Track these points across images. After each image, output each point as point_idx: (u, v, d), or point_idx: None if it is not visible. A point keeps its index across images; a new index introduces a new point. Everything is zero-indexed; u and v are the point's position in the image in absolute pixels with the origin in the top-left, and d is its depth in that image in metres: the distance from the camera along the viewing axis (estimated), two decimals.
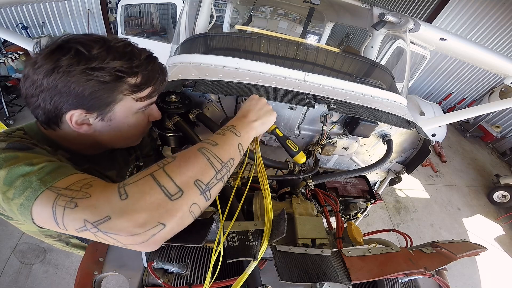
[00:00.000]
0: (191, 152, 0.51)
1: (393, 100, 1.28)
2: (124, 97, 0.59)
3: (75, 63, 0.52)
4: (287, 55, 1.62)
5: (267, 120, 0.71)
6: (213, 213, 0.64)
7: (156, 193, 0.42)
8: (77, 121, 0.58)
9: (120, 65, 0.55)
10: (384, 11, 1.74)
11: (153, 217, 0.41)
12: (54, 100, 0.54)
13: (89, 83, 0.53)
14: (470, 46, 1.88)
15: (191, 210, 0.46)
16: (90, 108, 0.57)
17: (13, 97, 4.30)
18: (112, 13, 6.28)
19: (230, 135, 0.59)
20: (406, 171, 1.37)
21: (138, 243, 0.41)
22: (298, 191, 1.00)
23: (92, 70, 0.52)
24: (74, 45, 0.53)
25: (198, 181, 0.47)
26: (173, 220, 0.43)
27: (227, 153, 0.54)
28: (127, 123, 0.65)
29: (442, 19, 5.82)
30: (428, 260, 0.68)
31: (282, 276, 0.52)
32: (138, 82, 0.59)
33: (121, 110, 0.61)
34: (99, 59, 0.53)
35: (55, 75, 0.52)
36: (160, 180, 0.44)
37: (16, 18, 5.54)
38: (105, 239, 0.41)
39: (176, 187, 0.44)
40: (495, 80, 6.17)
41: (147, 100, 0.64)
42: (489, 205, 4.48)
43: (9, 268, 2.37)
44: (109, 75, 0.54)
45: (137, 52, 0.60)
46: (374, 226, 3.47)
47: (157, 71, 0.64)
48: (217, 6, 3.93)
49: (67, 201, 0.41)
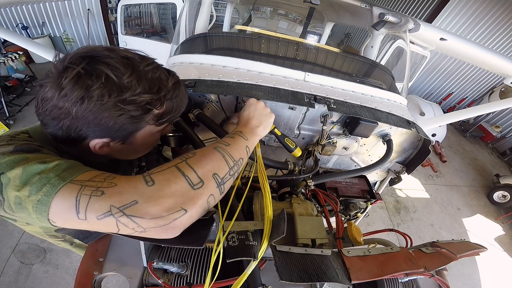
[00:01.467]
0: (209, 149, 0.57)
1: (393, 100, 1.28)
2: (147, 125, 0.60)
3: (106, 94, 0.50)
4: (287, 55, 1.62)
5: (268, 124, 0.79)
6: (213, 213, 0.64)
7: (181, 182, 0.47)
8: (98, 147, 0.58)
9: (150, 98, 0.55)
10: (384, 11, 1.74)
11: (177, 202, 0.45)
12: (81, 129, 0.54)
13: (121, 118, 0.53)
14: (470, 46, 1.88)
15: (208, 200, 0.50)
16: (116, 138, 0.58)
17: (13, 97, 4.30)
18: (112, 13, 6.28)
19: (239, 138, 0.66)
20: (406, 171, 1.37)
21: (160, 225, 0.44)
22: (298, 191, 1.00)
23: (124, 103, 0.52)
24: (103, 69, 0.50)
25: (216, 174, 0.52)
26: (194, 207, 0.47)
27: (237, 153, 0.61)
28: (144, 146, 0.68)
29: (442, 19, 5.82)
30: (428, 260, 0.68)
31: (282, 276, 0.52)
32: (162, 111, 0.60)
33: (142, 135, 0.62)
34: (131, 90, 0.52)
35: (85, 105, 0.50)
36: (184, 171, 0.49)
37: (16, 18, 5.55)
38: (126, 224, 0.43)
39: (198, 178, 0.49)
40: (495, 80, 6.17)
41: (165, 124, 0.66)
42: (489, 205, 4.48)
43: (9, 268, 2.37)
44: (140, 109, 0.55)
45: (165, 78, 0.59)
46: (374, 226, 3.47)
47: (181, 99, 0.64)
48: (217, 6, 3.93)
49: (93, 190, 0.43)
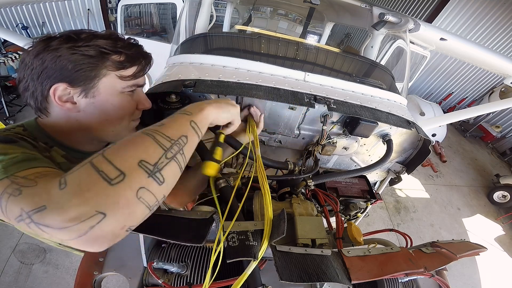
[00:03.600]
0: (134, 134, 0.47)
1: (393, 100, 1.28)
2: (108, 72, 0.62)
3: (64, 42, 0.57)
4: (287, 55, 1.62)
5: (225, 107, 0.68)
6: (213, 213, 0.64)
7: (93, 179, 0.38)
8: (61, 97, 0.60)
9: (105, 44, 0.60)
10: (384, 11, 1.74)
11: (90, 205, 0.36)
12: (40, 77, 0.58)
13: (74, 56, 0.57)
14: (470, 46, 1.88)
15: (139, 196, 0.40)
16: (73, 81, 0.59)
17: (13, 97, 4.30)
18: (112, 13, 6.29)
19: (178, 115, 0.57)
20: (406, 171, 1.37)
21: (74, 237, 0.36)
22: (298, 191, 1.00)
23: (78, 47, 0.58)
24: (67, 33, 0.60)
25: (143, 161, 0.42)
26: (115, 208, 0.38)
27: (175, 130, 0.51)
28: (111, 103, 0.65)
29: (442, 19, 5.82)
30: (428, 260, 0.68)
31: (282, 276, 0.52)
32: (121, 59, 0.63)
33: (104, 86, 0.63)
34: (86, 40, 0.59)
35: (44, 53, 0.56)
36: (98, 165, 0.39)
37: (16, 18, 5.54)
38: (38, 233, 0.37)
39: (117, 170, 0.39)
40: (495, 80, 6.17)
41: (132, 80, 0.66)
42: (489, 205, 4.48)
43: (9, 268, 2.37)
44: (94, 51, 0.59)
45: (122, 38, 0.65)
46: (374, 226, 3.47)
47: (141, 54, 0.67)
48: (217, 6, 3.93)
49: (14, 189, 0.39)
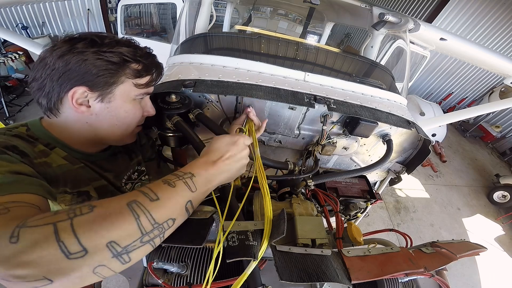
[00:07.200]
0: (118, 205, 0.42)
1: (393, 100, 1.28)
2: (126, 79, 0.65)
3: (89, 46, 0.60)
4: (287, 55, 1.62)
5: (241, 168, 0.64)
6: (213, 213, 0.64)
7: (49, 246, 0.35)
8: (77, 100, 0.61)
9: (127, 52, 0.64)
10: (384, 11, 1.74)
11: (38, 270, 0.35)
12: (61, 78, 0.59)
13: (98, 62, 0.60)
14: (470, 46, 1.88)
15: (95, 271, 0.38)
16: (94, 86, 0.61)
17: (13, 97, 4.31)
18: (112, 13, 6.29)
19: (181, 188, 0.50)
20: (406, 171, 1.37)
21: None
22: (298, 191, 1.00)
23: (103, 52, 0.61)
24: (90, 36, 0.62)
25: (113, 243, 0.39)
26: (64, 279, 0.36)
27: (166, 212, 0.46)
28: (124, 109, 0.69)
29: (442, 19, 5.83)
30: (428, 260, 0.68)
31: (282, 276, 0.52)
32: (139, 68, 0.67)
33: (120, 93, 0.66)
34: (110, 45, 0.62)
35: (69, 55, 0.58)
36: (61, 235, 0.36)
37: (16, 18, 5.55)
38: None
39: (79, 246, 0.37)
40: (495, 80, 6.17)
41: (145, 88, 0.71)
42: (489, 205, 4.48)
43: None
44: (117, 57, 0.62)
45: (140, 46, 0.70)
46: (374, 226, 3.47)
47: (155, 64, 0.72)
48: (217, 6, 3.93)
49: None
